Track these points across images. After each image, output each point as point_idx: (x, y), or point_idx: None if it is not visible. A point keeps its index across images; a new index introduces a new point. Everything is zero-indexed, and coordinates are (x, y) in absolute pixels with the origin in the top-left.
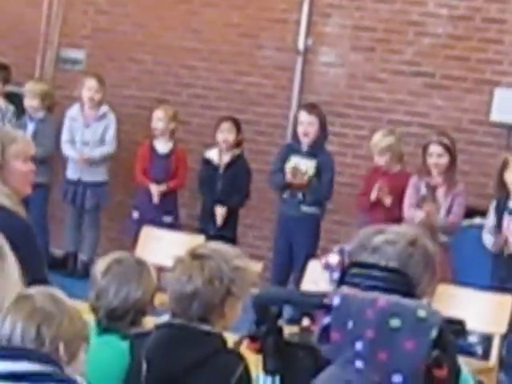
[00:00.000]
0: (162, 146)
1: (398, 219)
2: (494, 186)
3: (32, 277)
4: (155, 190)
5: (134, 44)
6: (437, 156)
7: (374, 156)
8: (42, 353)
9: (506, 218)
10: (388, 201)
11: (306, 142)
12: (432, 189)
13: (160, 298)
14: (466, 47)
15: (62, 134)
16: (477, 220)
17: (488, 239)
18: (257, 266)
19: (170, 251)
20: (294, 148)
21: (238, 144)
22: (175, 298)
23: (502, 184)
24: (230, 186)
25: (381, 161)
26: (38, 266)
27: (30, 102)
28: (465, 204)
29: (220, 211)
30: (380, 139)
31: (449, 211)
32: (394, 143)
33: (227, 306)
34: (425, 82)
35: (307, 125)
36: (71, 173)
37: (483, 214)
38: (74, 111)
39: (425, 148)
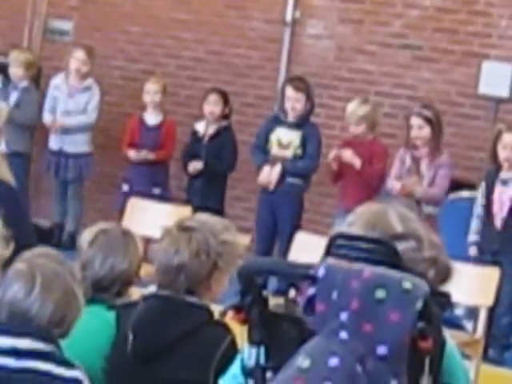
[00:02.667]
0: (152, 118)
1: (375, 188)
2: (487, 156)
3: (22, 244)
4: (134, 155)
5: (122, 15)
6: (417, 128)
7: (349, 125)
8: (45, 331)
9: (498, 189)
10: (357, 162)
11: (292, 115)
12: (416, 161)
13: (146, 269)
14: (454, 20)
15: (44, 103)
16: (464, 193)
17: (472, 230)
18: (244, 239)
19: (157, 222)
20: (279, 119)
21: (225, 116)
22: (162, 270)
23: (494, 155)
24: (213, 156)
25: (357, 130)
26: (27, 232)
27: (14, 71)
28: (449, 175)
29: (194, 166)
30: (356, 108)
31: (432, 183)
32: (370, 111)
33: (214, 280)
34: (413, 55)
35: (294, 101)
36: (53, 143)
37: (470, 186)
38: (58, 80)
39: (407, 120)
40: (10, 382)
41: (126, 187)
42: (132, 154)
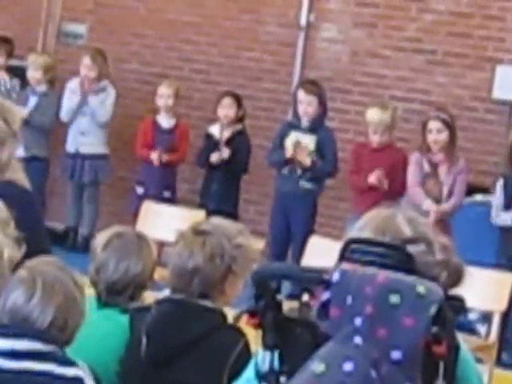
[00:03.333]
0: (166, 122)
1: (393, 195)
2: (503, 162)
3: (35, 246)
4: (155, 156)
5: (136, 19)
6: (436, 132)
7: (372, 133)
8: (43, 332)
9: None
10: (386, 186)
11: (305, 120)
12: (434, 166)
13: (160, 273)
14: (468, 24)
15: (61, 105)
16: (478, 197)
17: (503, 218)
18: (259, 244)
19: (170, 226)
20: (293, 124)
21: (239, 119)
22: (176, 274)
23: (510, 161)
24: (229, 160)
25: (382, 139)
26: (40, 235)
27: (32, 74)
28: (466, 181)
29: (217, 156)
30: (381, 116)
31: (451, 189)
32: (392, 117)
33: (228, 283)
34: (427, 59)
35: (306, 104)
36: (69, 146)
37: (484, 191)
38: (73, 84)
39: (424, 124)
40: (9, 383)
41: (140, 190)
42: (154, 156)
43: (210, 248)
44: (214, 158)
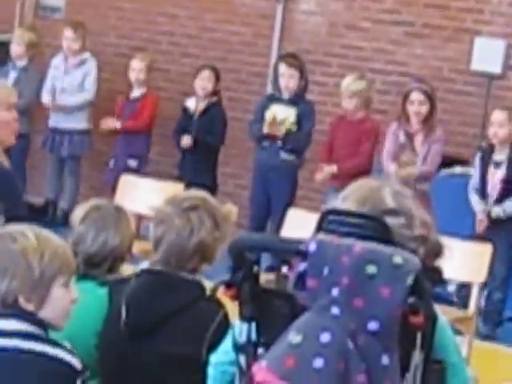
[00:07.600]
0: (135, 92)
1: (367, 164)
2: (479, 132)
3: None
4: (105, 123)
5: None
6: (418, 103)
7: (342, 100)
8: (28, 314)
9: (491, 171)
10: (334, 169)
11: (287, 93)
12: (410, 136)
13: (138, 246)
14: None
15: (44, 83)
16: (457, 169)
17: (474, 202)
18: (233, 207)
19: (149, 199)
20: (274, 97)
21: (215, 93)
22: (175, 251)
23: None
24: (203, 132)
25: (349, 104)
26: (18, 206)
27: (15, 48)
28: (441, 151)
29: (185, 140)
30: (350, 83)
31: (425, 159)
32: (364, 88)
33: (218, 251)
34: (405, 31)
35: (288, 77)
36: (51, 121)
37: (463, 162)
38: (57, 60)
39: (406, 95)
40: None
41: (111, 163)
42: (105, 123)
43: (208, 222)
44: (183, 142)
